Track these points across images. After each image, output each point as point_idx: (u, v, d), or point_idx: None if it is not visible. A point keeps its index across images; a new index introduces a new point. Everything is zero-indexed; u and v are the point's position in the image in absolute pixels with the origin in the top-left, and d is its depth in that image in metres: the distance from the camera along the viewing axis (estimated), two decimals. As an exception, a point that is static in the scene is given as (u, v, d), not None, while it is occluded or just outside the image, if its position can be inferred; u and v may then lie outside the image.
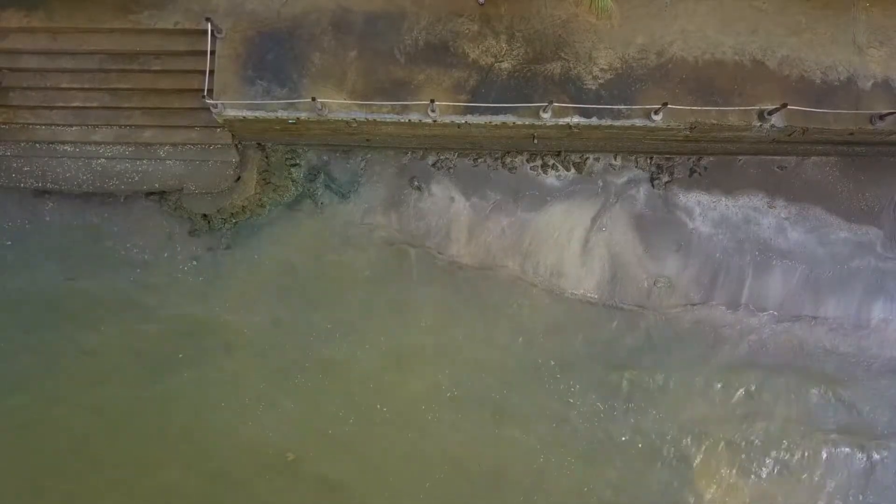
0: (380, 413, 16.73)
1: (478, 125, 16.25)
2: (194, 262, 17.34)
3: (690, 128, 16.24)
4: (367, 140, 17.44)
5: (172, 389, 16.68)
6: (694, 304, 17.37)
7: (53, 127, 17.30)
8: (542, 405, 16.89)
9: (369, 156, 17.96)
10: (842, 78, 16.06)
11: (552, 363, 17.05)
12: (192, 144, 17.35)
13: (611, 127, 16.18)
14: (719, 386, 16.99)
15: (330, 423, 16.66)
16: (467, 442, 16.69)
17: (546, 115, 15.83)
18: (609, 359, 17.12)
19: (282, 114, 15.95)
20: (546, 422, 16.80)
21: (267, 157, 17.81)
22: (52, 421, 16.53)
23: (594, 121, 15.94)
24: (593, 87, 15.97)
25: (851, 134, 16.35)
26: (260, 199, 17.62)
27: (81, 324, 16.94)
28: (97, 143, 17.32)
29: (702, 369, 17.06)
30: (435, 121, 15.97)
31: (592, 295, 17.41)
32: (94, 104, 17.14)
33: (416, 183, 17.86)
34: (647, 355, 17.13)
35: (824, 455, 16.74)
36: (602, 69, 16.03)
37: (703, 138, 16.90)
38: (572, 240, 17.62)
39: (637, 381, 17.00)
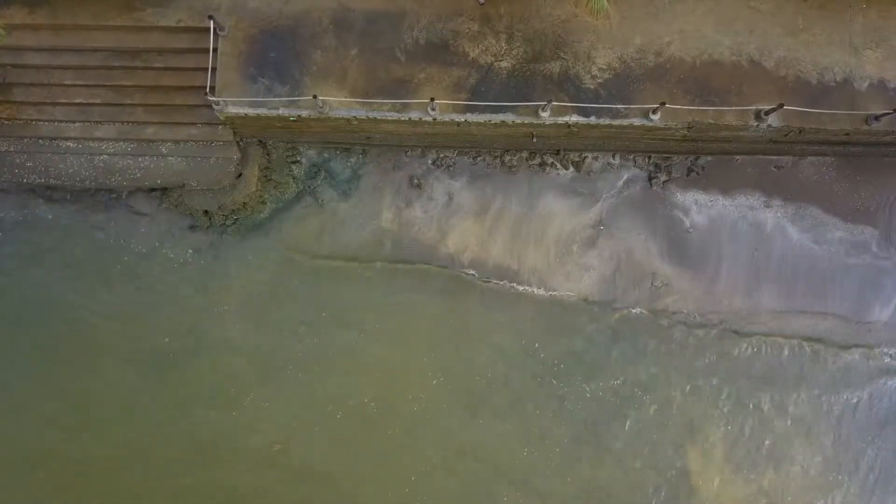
0: (367, 406, 16.90)
1: (477, 123, 16.39)
2: (194, 258, 17.49)
3: (688, 127, 16.38)
4: (368, 138, 17.57)
5: (161, 380, 16.85)
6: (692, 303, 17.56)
7: (57, 123, 17.45)
8: (532, 401, 17.03)
9: (370, 153, 18.11)
10: (838, 79, 16.20)
11: (544, 359, 17.19)
12: (194, 141, 17.50)
13: (609, 126, 16.32)
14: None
15: (318, 415, 16.83)
16: (453, 434, 16.87)
17: (545, 114, 15.96)
18: (605, 356, 17.29)
19: (283, 111, 16.10)
20: (532, 416, 16.97)
21: (268, 155, 17.95)
22: (42, 412, 16.72)
23: (593, 120, 16.08)
24: (592, 87, 16.11)
25: (847, 134, 16.49)
26: (261, 196, 17.76)
27: (76, 318, 17.12)
28: (100, 140, 17.46)
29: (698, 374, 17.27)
30: (435, 119, 16.11)
31: (590, 293, 17.55)
32: (97, 101, 17.30)
33: (415, 181, 17.98)
34: (644, 354, 17.30)
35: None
36: (601, 69, 16.16)
37: (700, 138, 17.03)
38: (570, 238, 17.75)
39: (631, 379, 17.15)
